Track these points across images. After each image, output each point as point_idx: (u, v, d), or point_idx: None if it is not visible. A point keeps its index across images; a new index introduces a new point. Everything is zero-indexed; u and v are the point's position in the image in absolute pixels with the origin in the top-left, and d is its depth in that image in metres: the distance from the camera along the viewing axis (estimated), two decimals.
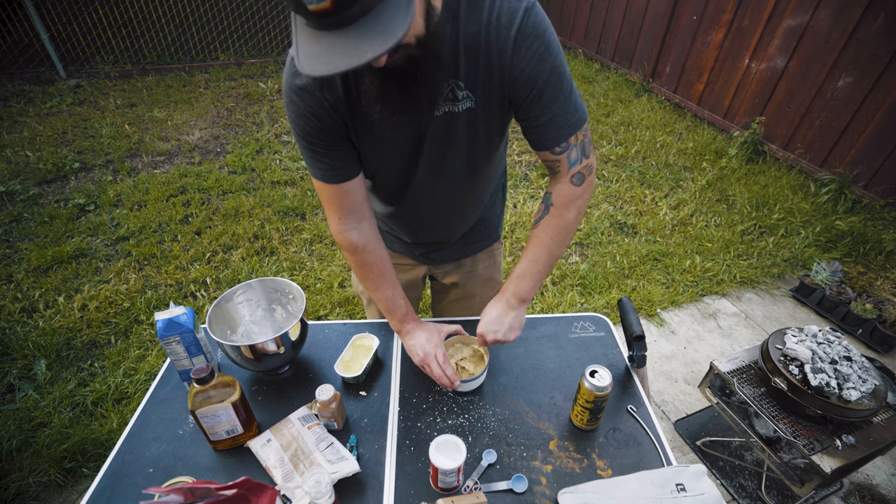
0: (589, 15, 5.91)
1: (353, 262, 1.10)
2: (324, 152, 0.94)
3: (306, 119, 0.89)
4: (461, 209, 1.16)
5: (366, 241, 1.06)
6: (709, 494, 0.91)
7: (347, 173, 0.99)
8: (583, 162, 0.97)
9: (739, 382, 1.69)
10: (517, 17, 0.81)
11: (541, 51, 0.84)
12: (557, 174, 1.00)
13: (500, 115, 0.94)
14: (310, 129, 0.90)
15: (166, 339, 1.04)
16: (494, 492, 0.93)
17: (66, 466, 1.79)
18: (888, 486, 1.89)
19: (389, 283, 1.12)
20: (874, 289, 2.76)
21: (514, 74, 0.86)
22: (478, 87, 0.88)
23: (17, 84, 4.78)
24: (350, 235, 1.05)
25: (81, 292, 2.54)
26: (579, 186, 0.99)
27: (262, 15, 5.68)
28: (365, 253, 1.07)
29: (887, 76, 3.16)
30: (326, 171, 0.97)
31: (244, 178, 3.59)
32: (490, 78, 0.87)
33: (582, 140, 0.96)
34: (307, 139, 0.92)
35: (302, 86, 0.86)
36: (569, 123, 0.93)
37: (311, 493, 0.79)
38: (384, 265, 1.10)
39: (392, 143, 0.95)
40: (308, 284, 2.69)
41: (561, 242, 1.03)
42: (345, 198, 1.01)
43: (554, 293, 2.71)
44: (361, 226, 1.05)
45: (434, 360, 1.07)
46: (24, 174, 3.47)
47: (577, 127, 0.94)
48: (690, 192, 3.63)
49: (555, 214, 1.01)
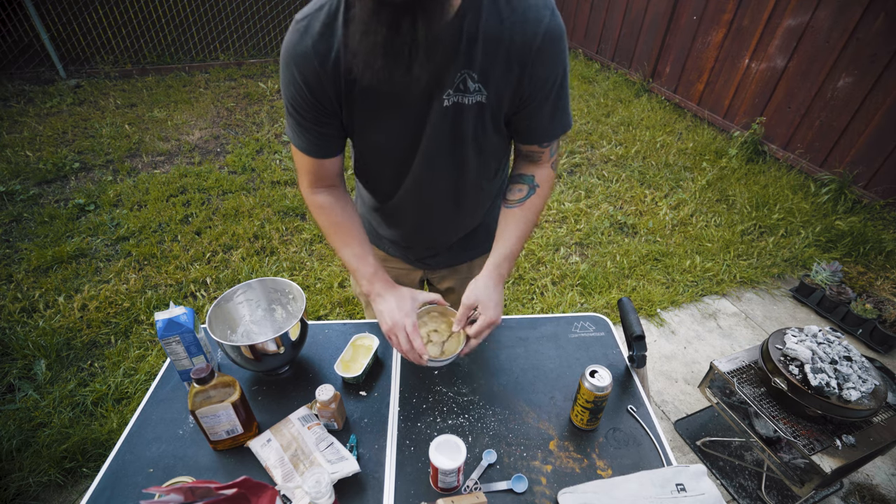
0: (589, 15, 5.91)
1: (320, 222, 1.07)
2: (309, 125, 0.93)
3: (298, 87, 0.88)
4: (457, 210, 1.13)
5: (334, 201, 1.05)
6: (709, 494, 0.91)
7: (328, 151, 0.98)
8: (558, 151, 1.07)
9: (739, 382, 1.69)
10: (545, 16, 0.83)
11: (560, 53, 0.87)
12: (537, 162, 1.06)
13: (507, 111, 0.94)
14: (300, 98, 0.89)
15: (166, 339, 1.04)
16: (494, 492, 0.93)
17: (66, 466, 1.79)
18: (888, 486, 1.89)
19: (357, 241, 1.05)
20: (874, 289, 2.76)
21: (535, 72, 0.87)
22: (491, 81, 0.87)
23: (17, 84, 4.78)
24: (316, 196, 1.05)
25: (81, 292, 2.54)
26: (554, 171, 1.10)
27: (262, 15, 5.68)
28: (332, 212, 1.05)
29: (887, 76, 3.16)
30: (308, 143, 0.96)
31: (244, 178, 3.59)
32: (507, 73, 0.86)
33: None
34: (295, 107, 0.91)
35: (301, 52, 0.84)
36: (564, 123, 0.99)
37: (311, 493, 0.79)
38: (351, 224, 1.06)
39: (390, 123, 0.92)
40: (308, 284, 2.69)
41: (538, 217, 1.08)
42: (320, 170, 1.01)
43: (554, 293, 2.71)
44: (332, 190, 1.06)
45: (402, 330, 0.98)
46: (24, 174, 3.47)
47: (569, 127, 1.00)
48: (690, 192, 3.63)
49: (540, 195, 1.06)
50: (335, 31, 0.82)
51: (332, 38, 0.83)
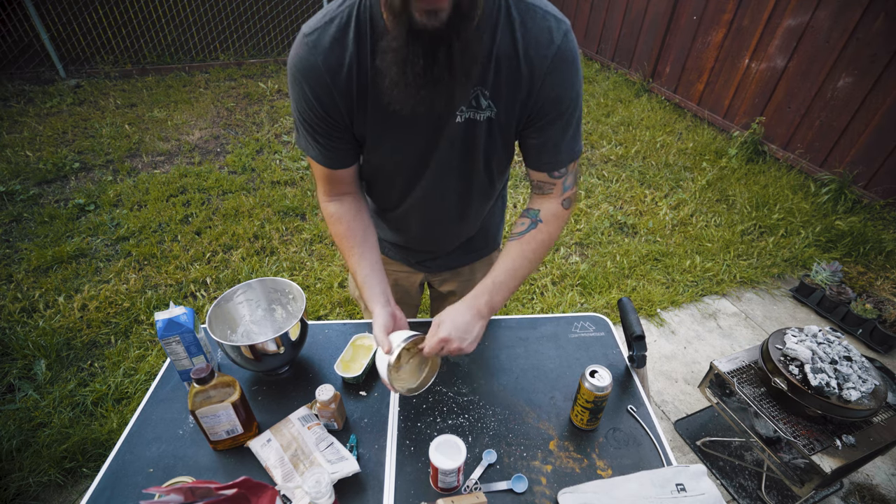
0: (589, 15, 5.91)
1: (331, 232, 1.08)
2: (322, 139, 0.93)
3: (309, 103, 0.87)
4: (461, 221, 1.13)
5: (342, 213, 1.05)
6: (709, 494, 0.91)
7: (341, 162, 0.98)
8: (573, 189, 1.02)
9: (739, 382, 1.69)
10: (557, 37, 0.82)
11: (572, 76, 0.86)
12: (548, 195, 1.01)
13: (515, 130, 0.94)
14: (311, 113, 0.89)
15: (166, 339, 1.04)
16: (494, 492, 0.93)
17: (66, 466, 1.79)
18: (888, 486, 1.89)
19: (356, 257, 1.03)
20: (874, 289, 2.76)
21: (544, 94, 0.86)
22: (501, 98, 0.87)
23: (17, 84, 4.78)
24: (328, 206, 1.05)
25: (81, 292, 2.54)
26: (567, 210, 1.03)
27: (262, 15, 5.68)
28: (339, 223, 1.05)
29: (887, 76, 3.16)
30: (322, 155, 0.96)
31: (244, 178, 3.59)
32: (516, 92, 0.86)
33: (575, 169, 1.00)
34: (307, 121, 0.91)
35: (310, 67, 0.83)
36: (573, 150, 0.95)
37: (311, 493, 0.79)
38: (355, 239, 1.04)
39: (404, 138, 0.92)
40: (308, 284, 2.69)
41: (540, 258, 1.03)
42: (334, 177, 1.01)
43: (554, 293, 2.71)
44: (343, 199, 1.05)
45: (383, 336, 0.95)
46: (24, 174, 3.47)
47: (578, 155, 0.97)
48: (690, 192, 3.63)
49: (542, 230, 1.01)
50: (346, 46, 0.82)
51: (342, 52, 0.82)
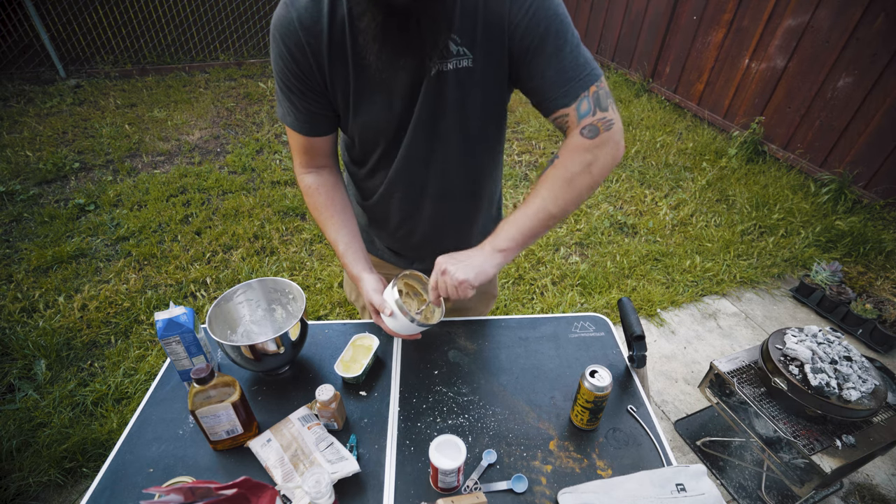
0: (589, 15, 5.91)
1: (308, 204, 1.08)
2: (298, 99, 0.93)
3: (285, 60, 0.88)
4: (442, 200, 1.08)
5: (320, 184, 1.05)
6: (709, 494, 0.91)
7: (318, 129, 0.98)
8: (597, 114, 0.86)
9: (739, 382, 1.69)
10: None
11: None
12: (567, 131, 0.89)
13: (499, 75, 0.89)
14: (287, 72, 0.89)
15: (166, 339, 1.04)
16: (494, 492, 0.93)
17: (66, 466, 1.79)
18: (888, 486, 1.89)
19: (336, 226, 1.06)
20: (874, 289, 2.76)
21: (515, 21, 0.81)
22: (476, 42, 0.83)
23: (17, 84, 4.78)
24: (305, 177, 1.05)
25: (81, 292, 2.54)
26: (590, 139, 0.86)
27: (262, 15, 5.68)
28: (318, 194, 1.05)
29: (887, 76, 3.16)
30: (298, 119, 0.96)
31: (244, 178, 3.59)
32: (489, 29, 0.82)
33: (595, 91, 0.85)
34: (284, 81, 0.91)
35: (286, 24, 0.84)
36: (578, 77, 0.84)
37: (311, 493, 0.79)
38: (335, 208, 1.05)
39: (379, 98, 0.90)
40: (308, 284, 2.69)
41: (560, 196, 0.89)
42: (311, 148, 1.01)
43: (554, 293, 2.71)
44: (321, 171, 1.05)
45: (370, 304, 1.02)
46: (24, 174, 3.47)
47: (590, 81, 0.85)
48: (690, 192, 3.63)
49: (557, 165, 0.89)
50: (321, 6, 0.83)
51: (318, 10, 0.83)
